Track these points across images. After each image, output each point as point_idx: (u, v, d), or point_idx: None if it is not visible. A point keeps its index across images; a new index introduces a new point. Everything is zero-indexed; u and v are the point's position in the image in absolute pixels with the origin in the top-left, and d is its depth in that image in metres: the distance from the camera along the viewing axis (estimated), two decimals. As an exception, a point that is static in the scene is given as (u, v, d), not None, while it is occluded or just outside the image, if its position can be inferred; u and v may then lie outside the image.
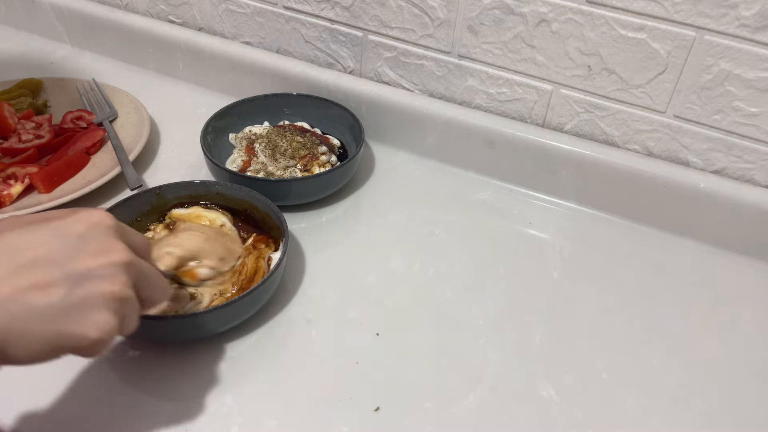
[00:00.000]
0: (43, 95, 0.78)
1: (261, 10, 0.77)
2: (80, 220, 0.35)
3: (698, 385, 0.50)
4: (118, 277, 0.34)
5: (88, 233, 0.35)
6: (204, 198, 0.59)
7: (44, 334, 0.31)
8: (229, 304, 0.47)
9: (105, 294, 0.33)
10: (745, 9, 0.54)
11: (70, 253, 0.33)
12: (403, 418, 0.46)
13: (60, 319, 0.32)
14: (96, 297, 0.33)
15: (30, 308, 0.31)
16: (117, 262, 0.35)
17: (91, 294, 0.33)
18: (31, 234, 0.34)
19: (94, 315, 0.33)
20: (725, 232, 0.62)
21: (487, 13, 0.64)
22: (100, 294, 0.33)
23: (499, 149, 0.69)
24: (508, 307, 0.56)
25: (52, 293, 0.32)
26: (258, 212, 0.58)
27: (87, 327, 0.33)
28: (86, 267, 0.33)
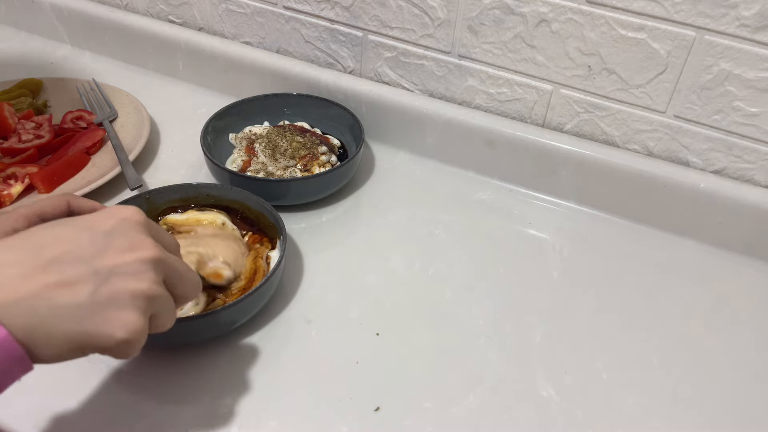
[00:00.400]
0: (43, 95, 0.78)
1: (261, 10, 0.77)
2: (109, 216, 0.34)
3: (698, 385, 0.50)
4: (147, 274, 0.33)
5: (116, 229, 0.34)
6: (194, 201, 0.58)
7: (70, 333, 0.30)
8: (230, 306, 0.47)
9: (133, 292, 0.32)
10: (745, 9, 0.54)
11: (98, 248, 0.32)
12: (403, 418, 0.46)
13: (86, 318, 0.31)
14: (123, 295, 0.32)
15: (56, 306, 0.30)
16: (146, 259, 0.34)
17: (118, 292, 0.32)
18: (58, 228, 0.33)
19: (121, 314, 0.32)
20: (725, 232, 0.62)
21: (487, 13, 0.64)
22: (127, 292, 0.32)
23: (499, 149, 0.69)
24: (508, 307, 0.56)
25: (79, 291, 0.31)
26: (251, 212, 0.58)
27: (114, 327, 0.31)
28: (113, 263, 0.32)
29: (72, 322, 0.30)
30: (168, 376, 0.48)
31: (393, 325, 0.53)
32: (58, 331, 0.30)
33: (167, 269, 0.35)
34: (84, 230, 0.33)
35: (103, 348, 0.32)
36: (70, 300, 0.30)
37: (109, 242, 0.33)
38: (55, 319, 0.30)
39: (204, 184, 0.58)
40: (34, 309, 0.30)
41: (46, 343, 0.30)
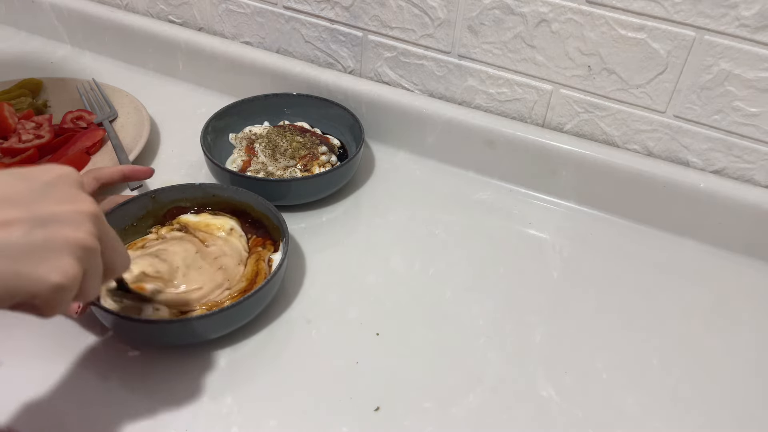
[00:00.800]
0: (43, 95, 0.78)
1: (261, 10, 0.77)
2: (48, 171, 0.34)
3: (698, 385, 0.50)
4: (84, 225, 0.33)
5: (54, 182, 0.33)
6: (200, 201, 0.59)
7: (1, 273, 0.29)
8: (230, 307, 0.47)
9: (69, 239, 0.32)
10: (745, 9, 0.54)
11: (35, 196, 0.32)
12: (403, 418, 0.46)
13: (20, 258, 0.30)
14: (60, 240, 0.31)
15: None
16: (84, 211, 0.33)
17: (54, 237, 0.31)
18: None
19: (57, 259, 0.31)
20: (725, 232, 0.62)
21: (487, 13, 0.64)
22: (64, 238, 0.31)
23: (499, 149, 0.69)
24: (508, 307, 0.56)
25: (13, 231, 0.30)
26: (255, 212, 0.58)
27: (48, 270, 0.30)
28: (51, 211, 0.32)
29: (4, 261, 0.29)
30: (168, 376, 0.48)
31: (393, 325, 0.53)
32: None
33: (102, 230, 0.35)
34: (23, 179, 0.32)
35: (34, 294, 0.30)
36: (3, 239, 0.30)
37: (47, 192, 0.32)
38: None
39: (211, 185, 0.58)
40: None
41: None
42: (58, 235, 0.31)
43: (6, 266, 0.29)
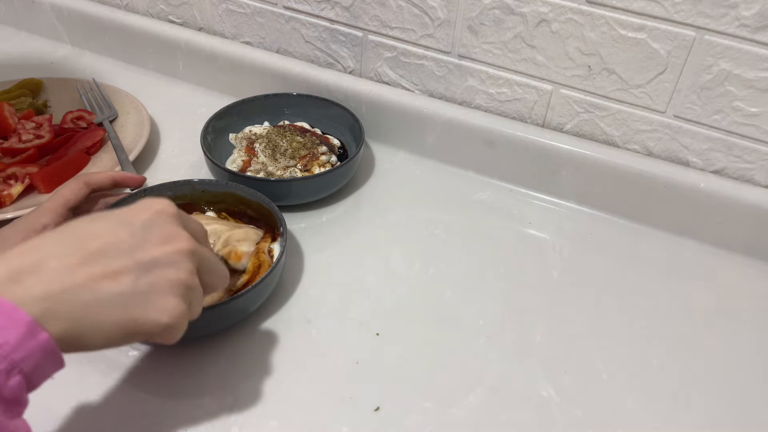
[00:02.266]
0: (43, 95, 0.78)
1: (261, 10, 0.77)
2: (144, 209, 0.36)
3: (698, 386, 0.50)
4: (184, 264, 0.35)
5: (152, 222, 0.35)
6: (189, 198, 0.58)
7: (118, 321, 0.32)
8: (233, 299, 0.47)
9: (173, 281, 0.34)
10: (745, 9, 0.54)
11: (137, 241, 0.34)
12: (403, 418, 0.46)
13: (132, 305, 0.33)
14: (164, 283, 0.34)
15: (102, 296, 0.32)
16: (182, 250, 0.35)
17: (159, 281, 0.34)
18: (98, 223, 0.34)
19: (164, 301, 0.34)
20: (725, 232, 0.62)
21: (487, 13, 0.64)
22: (168, 281, 0.34)
23: (499, 149, 0.69)
24: (508, 307, 0.56)
25: (122, 281, 0.32)
26: (250, 206, 0.58)
27: (158, 313, 0.33)
28: (153, 256, 0.34)
29: (119, 310, 0.32)
30: (168, 376, 0.48)
31: (393, 325, 0.53)
32: (105, 319, 0.32)
33: (200, 260, 0.37)
34: (122, 224, 0.35)
35: (149, 333, 0.33)
36: (115, 289, 0.32)
37: (146, 235, 0.35)
38: (102, 309, 0.31)
39: (199, 181, 0.58)
40: (82, 300, 0.31)
41: (94, 330, 0.31)
42: (162, 279, 0.34)
43: (121, 314, 0.32)
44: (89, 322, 0.31)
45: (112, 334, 0.32)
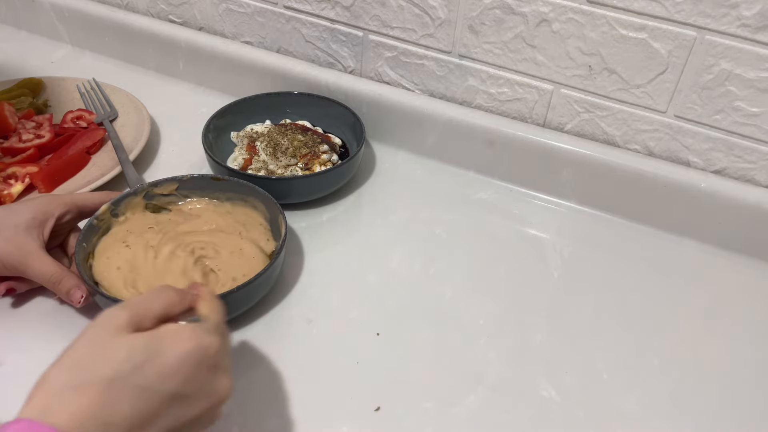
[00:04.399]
0: (44, 95, 0.78)
1: (261, 10, 0.77)
2: (177, 368, 0.33)
3: (698, 385, 0.50)
4: (220, 411, 0.36)
5: (186, 381, 0.33)
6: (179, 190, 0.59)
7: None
8: (230, 293, 0.48)
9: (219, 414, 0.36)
10: (746, 9, 0.54)
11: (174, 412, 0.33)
12: (403, 418, 0.46)
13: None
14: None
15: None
16: (221, 402, 0.35)
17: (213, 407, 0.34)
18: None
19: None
20: (726, 232, 0.62)
21: (487, 13, 0.64)
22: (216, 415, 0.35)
23: (499, 149, 0.69)
24: (508, 307, 0.56)
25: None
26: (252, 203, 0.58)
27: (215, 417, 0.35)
28: (199, 413, 0.34)
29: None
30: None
31: (393, 325, 0.53)
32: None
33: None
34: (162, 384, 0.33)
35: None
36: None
37: (188, 401, 0.33)
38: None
39: (201, 176, 0.58)
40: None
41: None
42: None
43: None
44: None
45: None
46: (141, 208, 0.56)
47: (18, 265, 0.47)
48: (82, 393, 0.30)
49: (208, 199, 0.59)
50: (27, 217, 0.49)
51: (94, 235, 0.53)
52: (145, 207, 0.57)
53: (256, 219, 0.58)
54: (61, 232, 0.53)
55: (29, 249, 0.48)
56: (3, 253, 0.47)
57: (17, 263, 0.47)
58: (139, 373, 0.31)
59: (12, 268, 0.48)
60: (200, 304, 0.37)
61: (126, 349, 0.31)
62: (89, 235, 0.52)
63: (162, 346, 0.32)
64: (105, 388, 0.30)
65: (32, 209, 0.49)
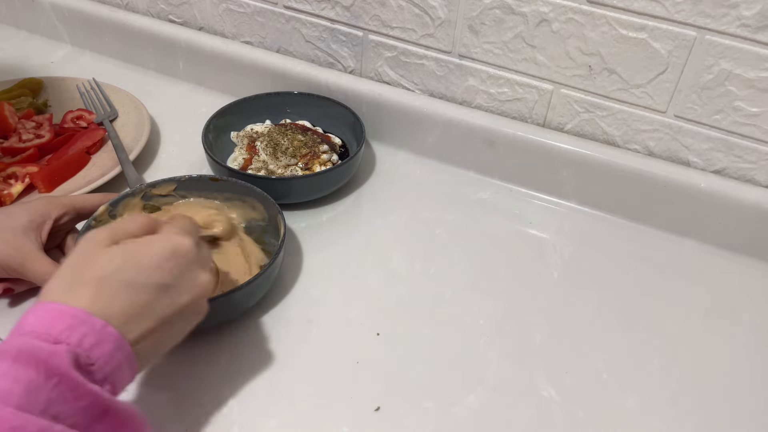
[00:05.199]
0: (44, 95, 0.78)
1: (261, 10, 0.77)
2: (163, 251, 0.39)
3: (698, 385, 0.50)
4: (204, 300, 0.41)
5: (172, 270, 0.38)
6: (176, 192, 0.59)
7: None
8: (230, 293, 0.47)
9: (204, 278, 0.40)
10: (746, 9, 0.54)
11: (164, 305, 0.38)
12: (403, 418, 0.46)
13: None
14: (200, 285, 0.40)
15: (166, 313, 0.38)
16: (205, 292, 0.40)
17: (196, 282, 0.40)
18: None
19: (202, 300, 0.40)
20: (726, 232, 0.62)
21: (487, 13, 0.64)
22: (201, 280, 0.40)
23: (499, 149, 0.69)
24: (508, 307, 0.56)
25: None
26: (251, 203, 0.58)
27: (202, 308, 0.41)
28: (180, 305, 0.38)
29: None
30: (168, 376, 0.48)
31: (393, 325, 0.53)
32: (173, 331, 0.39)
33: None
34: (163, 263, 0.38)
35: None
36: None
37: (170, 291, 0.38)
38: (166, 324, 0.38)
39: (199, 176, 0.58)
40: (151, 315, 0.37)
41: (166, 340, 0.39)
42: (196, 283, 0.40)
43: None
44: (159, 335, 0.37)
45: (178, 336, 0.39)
46: (139, 209, 0.56)
47: (17, 267, 0.47)
48: (79, 291, 0.34)
49: (205, 200, 0.59)
50: (25, 219, 0.49)
51: None
52: (143, 208, 0.57)
53: (255, 219, 0.58)
54: (59, 233, 0.53)
55: (27, 251, 0.48)
56: (2, 255, 0.47)
57: (16, 265, 0.47)
58: (122, 272, 0.36)
59: (11, 270, 0.48)
60: (174, 221, 0.42)
61: (107, 255, 0.37)
62: None
63: (138, 249, 0.38)
64: (96, 285, 0.35)
65: (30, 211, 0.49)
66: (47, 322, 0.32)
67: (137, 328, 0.35)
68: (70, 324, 0.32)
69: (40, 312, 0.33)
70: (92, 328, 0.33)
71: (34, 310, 0.33)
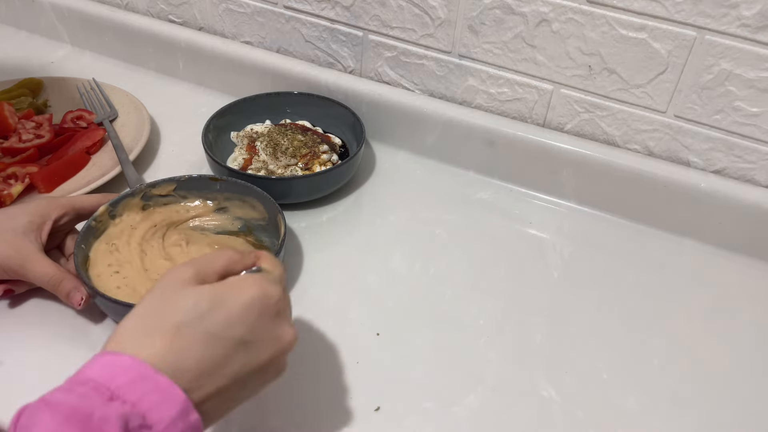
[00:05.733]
0: (44, 95, 0.78)
1: (261, 10, 0.77)
2: (241, 319, 0.34)
3: (698, 385, 0.50)
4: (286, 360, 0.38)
5: (253, 332, 0.35)
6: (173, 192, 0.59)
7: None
8: None
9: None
10: (746, 9, 0.54)
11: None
12: (403, 418, 0.46)
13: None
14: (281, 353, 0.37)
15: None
16: (287, 349, 0.37)
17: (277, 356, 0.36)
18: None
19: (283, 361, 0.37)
20: (726, 232, 0.62)
21: (487, 13, 0.64)
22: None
23: (499, 149, 0.69)
24: (508, 307, 0.56)
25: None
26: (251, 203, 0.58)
27: (281, 368, 0.38)
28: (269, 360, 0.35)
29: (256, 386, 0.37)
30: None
31: (393, 325, 0.53)
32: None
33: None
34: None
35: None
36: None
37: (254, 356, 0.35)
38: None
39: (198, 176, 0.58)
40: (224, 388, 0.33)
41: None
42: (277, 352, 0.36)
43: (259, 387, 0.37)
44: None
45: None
46: (138, 209, 0.56)
47: (17, 268, 0.47)
48: (154, 338, 0.31)
49: (205, 200, 0.59)
50: (25, 220, 0.49)
51: (92, 237, 0.53)
52: (142, 208, 0.57)
53: (255, 219, 0.58)
54: (58, 234, 0.53)
55: (28, 252, 0.48)
56: (2, 256, 0.47)
57: (16, 266, 0.47)
58: (205, 320, 0.32)
59: (11, 271, 0.48)
60: (261, 260, 0.39)
61: (193, 299, 0.33)
62: (88, 236, 0.52)
63: (227, 294, 0.34)
64: (174, 333, 0.31)
65: (30, 212, 0.49)
66: (109, 372, 0.30)
67: (208, 387, 0.32)
68: (132, 378, 0.29)
69: (107, 361, 0.30)
70: (156, 387, 0.30)
71: (100, 359, 0.31)
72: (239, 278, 0.36)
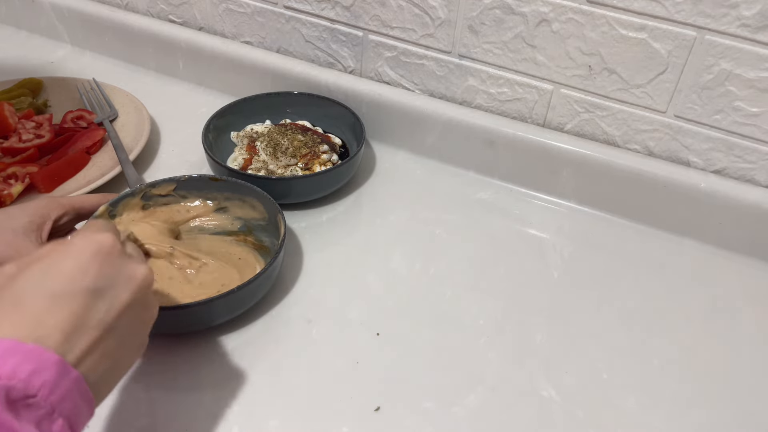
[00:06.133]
0: (44, 95, 0.78)
1: (261, 10, 0.77)
2: (83, 255, 0.34)
3: (698, 385, 0.50)
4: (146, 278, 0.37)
5: (104, 282, 0.34)
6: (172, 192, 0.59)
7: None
8: (231, 292, 0.47)
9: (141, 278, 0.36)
10: (746, 9, 0.54)
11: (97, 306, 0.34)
12: (403, 418, 0.46)
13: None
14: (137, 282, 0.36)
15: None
16: (144, 284, 0.36)
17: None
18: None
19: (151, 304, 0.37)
20: (726, 232, 0.62)
21: (487, 13, 0.64)
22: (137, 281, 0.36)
23: (499, 149, 0.69)
24: (508, 307, 0.56)
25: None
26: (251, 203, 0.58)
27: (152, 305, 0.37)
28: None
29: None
30: (168, 376, 0.48)
31: (393, 325, 0.53)
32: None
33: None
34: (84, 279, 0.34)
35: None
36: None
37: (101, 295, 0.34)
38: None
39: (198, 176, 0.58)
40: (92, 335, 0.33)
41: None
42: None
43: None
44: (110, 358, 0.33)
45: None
46: (138, 209, 0.56)
47: None
48: (7, 316, 0.31)
49: (206, 200, 0.59)
50: (24, 220, 0.49)
51: None
52: (142, 208, 0.57)
53: (255, 219, 0.58)
54: (58, 234, 0.52)
55: (28, 252, 0.47)
56: (2, 257, 0.47)
57: None
58: (43, 284, 0.32)
59: None
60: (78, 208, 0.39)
61: (23, 273, 0.33)
62: None
63: (54, 255, 0.34)
64: (21, 304, 0.31)
65: (29, 212, 0.49)
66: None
67: (79, 343, 0.31)
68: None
69: None
70: (25, 356, 0.29)
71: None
72: (64, 240, 0.35)
